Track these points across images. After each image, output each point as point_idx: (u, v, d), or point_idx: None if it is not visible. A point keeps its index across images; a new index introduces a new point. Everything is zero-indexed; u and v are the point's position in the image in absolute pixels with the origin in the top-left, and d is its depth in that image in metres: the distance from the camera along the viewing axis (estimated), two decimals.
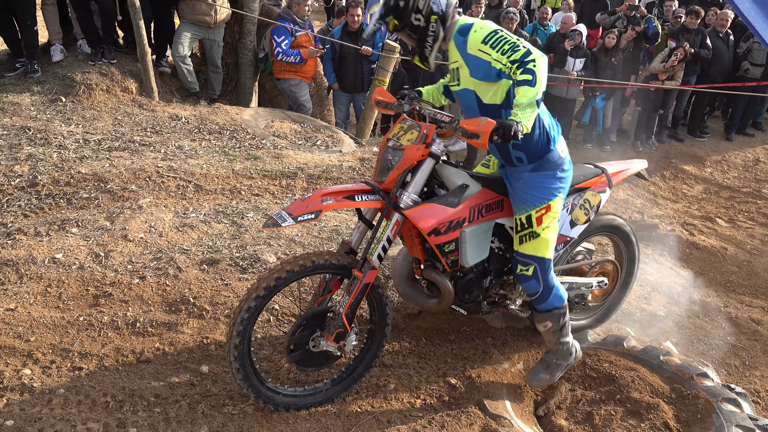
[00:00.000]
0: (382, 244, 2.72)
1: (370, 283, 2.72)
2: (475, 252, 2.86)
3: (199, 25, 6.59)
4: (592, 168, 3.28)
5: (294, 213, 2.55)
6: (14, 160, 4.79)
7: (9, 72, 6.29)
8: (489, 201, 2.87)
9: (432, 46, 2.70)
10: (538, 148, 2.81)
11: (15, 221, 4.04)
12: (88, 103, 6.00)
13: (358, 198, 2.64)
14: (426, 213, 2.68)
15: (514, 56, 2.47)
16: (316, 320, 2.74)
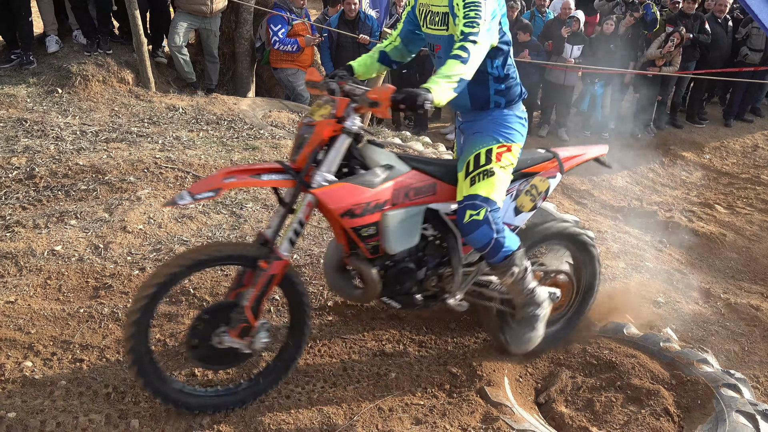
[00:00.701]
0: (293, 228, 2.52)
1: (276, 275, 2.51)
2: (400, 238, 2.65)
3: (195, 14, 6.56)
4: (542, 152, 3.09)
5: (193, 191, 2.35)
6: (11, 152, 4.78)
7: (4, 64, 6.26)
8: (419, 184, 2.69)
9: None
10: (515, 94, 2.82)
11: (13, 214, 4.02)
12: (85, 94, 5.98)
13: (266, 176, 2.44)
14: (339, 193, 2.48)
15: (467, 29, 2.44)
16: (221, 315, 2.53)
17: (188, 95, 6.61)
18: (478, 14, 2.45)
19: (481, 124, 2.79)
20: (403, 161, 2.68)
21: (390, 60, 3.00)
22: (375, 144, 2.64)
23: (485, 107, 2.79)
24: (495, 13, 2.55)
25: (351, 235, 2.60)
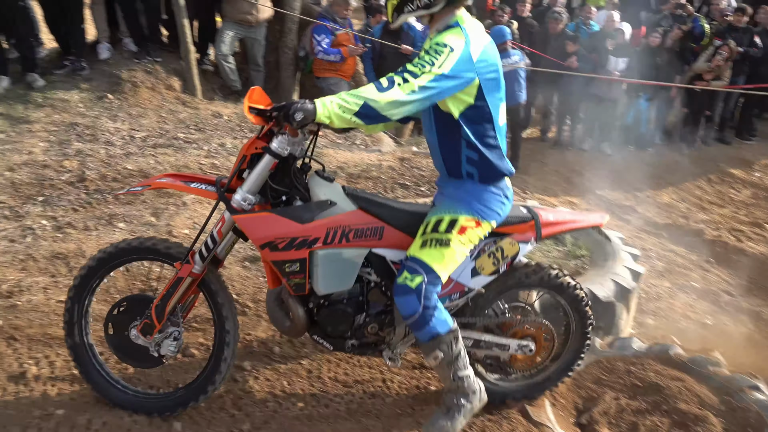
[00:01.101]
0: (204, 242, 2.51)
1: (183, 278, 2.50)
2: (329, 280, 2.48)
3: (242, 23, 6.67)
4: (523, 211, 2.70)
5: (134, 186, 2.67)
6: (63, 155, 4.93)
7: (58, 69, 6.46)
8: (362, 226, 2.47)
9: (418, 9, 2.30)
10: (493, 169, 2.47)
11: (65, 215, 4.15)
12: (134, 100, 6.13)
13: (194, 185, 2.49)
14: (260, 222, 2.38)
15: (410, 66, 2.17)
16: (139, 305, 2.58)
17: (233, 103, 6.73)
18: (434, 59, 2.18)
19: (455, 191, 2.51)
20: (351, 199, 2.49)
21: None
22: (322, 176, 2.48)
23: (457, 176, 2.50)
24: (467, 73, 2.23)
25: (273, 269, 2.48)
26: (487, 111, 2.37)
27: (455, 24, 2.31)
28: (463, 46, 2.23)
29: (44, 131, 5.33)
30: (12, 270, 3.53)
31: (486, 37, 2.37)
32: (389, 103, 2.13)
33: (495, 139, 2.45)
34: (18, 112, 5.60)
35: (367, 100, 2.12)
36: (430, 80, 2.15)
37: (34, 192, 4.41)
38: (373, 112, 2.14)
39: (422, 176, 5.41)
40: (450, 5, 2.31)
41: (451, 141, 2.44)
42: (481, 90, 2.31)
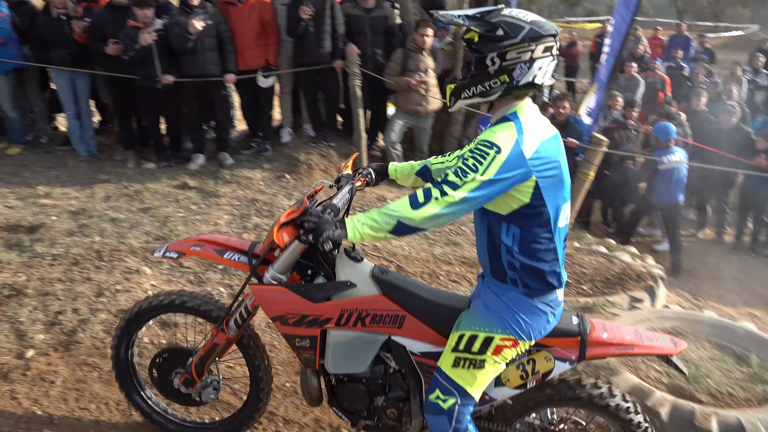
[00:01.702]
0: (239, 311, 2.60)
1: (219, 345, 2.66)
2: (341, 360, 2.45)
3: (411, 113, 7.03)
4: (570, 321, 2.40)
5: (169, 248, 2.68)
6: (243, 228, 5.40)
7: (246, 150, 7.21)
8: (381, 311, 2.38)
9: (473, 95, 2.16)
10: (540, 279, 2.21)
11: (240, 284, 4.49)
12: (308, 180, 6.63)
13: (227, 255, 2.55)
14: (273, 296, 2.38)
15: (451, 174, 2.00)
16: (180, 357, 2.80)
17: (397, 187, 7.01)
18: (478, 164, 1.99)
19: (495, 300, 2.28)
20: (376, 283, 2.40)
21: (431, 177, 2.68)
22: (350, 256, 2.42)
23: (503, 279, 2.27)
24: (518, 172, 2.03)
25: (285, 341, 2.50)
26: (544, 212, 2.14)
27: (511, 116, 2.13)
28: (513, 143, 2.03)
29: (229, 205, 5.90)
30: (191, 332, 3.85)
31: (547, 131, 2.16)
32: (426, 218, 2.00)
33: (549, 244, 2.19)
34: (209, 187, 6.27)
35: (401, 219, 2.02)
36: (472, 189, 1.98)
37: None
38: (409, 228, 2.04)
39: (584, 274, 5.19)
40: (508, 95, 2.14)
41: (493, 243, 2.23)
42: (539, 188, 2.09)
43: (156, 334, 3.83)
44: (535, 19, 2.10)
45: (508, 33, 2.05)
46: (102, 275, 4.46)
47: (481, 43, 2.08)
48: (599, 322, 2.45)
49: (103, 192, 6.11)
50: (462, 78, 2.19)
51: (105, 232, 5.17)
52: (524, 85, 2.09)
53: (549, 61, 2.10)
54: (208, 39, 6.39)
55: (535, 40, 2.05)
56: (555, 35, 2.09)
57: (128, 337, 2.91)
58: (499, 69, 2.07)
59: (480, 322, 2.27)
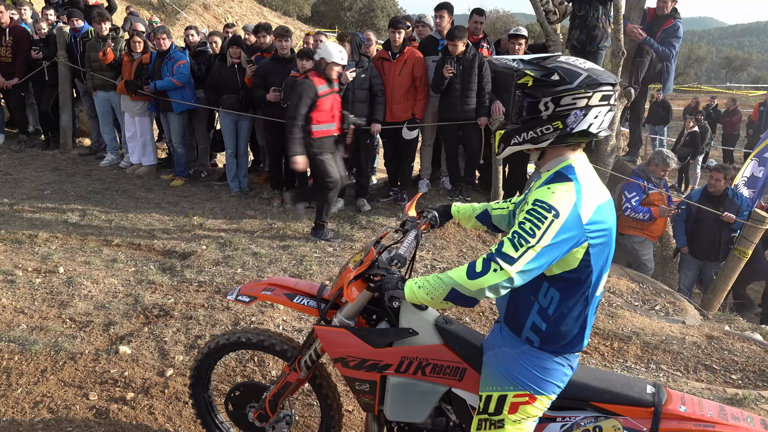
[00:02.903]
0: (309, 354, 2.63)
1: (291, 383, 2.71)
2: (400, 408, 2.41)
3: None
4: (645, 389, 2.24)
5: (241, 291, 2.79)
6: None
7: (383, 198, 7.40)
8: (441, 362, 2.33)
9: (524, 141, 2.08)
10: (561, 344, 2.13)
11: None
12: (441, 233, 6.64)
13: (297, 299, 2.62)
14: (335, 337, 2.41)
15: (507, 246, 1.92)
16: (253, 392, 2.88)
17: None
18: (535, 229, 1.91)
19: (506, 354, 2.20)
20: (439, 333, 2.36)
21: (490, 222, 2.69)
22: (416, 304, 2.28)
23: (517, 332, 2.20)
24: (573, 238, 1.94)
25: (346, 383, 2.50)
26: (588, 279, 2.05)
27: (567, 172, 2.04)
28: (571, 207, 1.94)
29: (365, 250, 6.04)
30: None
31: (602, 194, 2.06)
32: (480, 290, 1.94)
33: (583, 311, 2.11)
34: (345, 230, 6.49)
35: (456, 287, 1.98)
36: (528, 261, 1.90)
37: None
38: (463, 297, 1.99)
39: (734, 362, 4.68)
40: (560, 143, 2.05)
41: (524, 298, 2.13)
42: (588, 255, 2.00)
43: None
44: (593, 67, 2.04)
45: (564, 78, 1.99)
46: (239, 306, 4.71)
47: (535, 88, 2.04)
48: (677, 394, 2.29)
49: (249, 227, 6.52)
50: (513, 124, 2.14)
51: (246, 265, 5.48)
52: (578, 132, 2.02)
53: (606, 110, 2.02)
54: (359, 91, 6.73)
55: (592, 87, 1.98)
56: (614, 84, 2.02)
57: (205, 371, 3.04)
58: (553, 114, 2.01)
59: (492, 381, 2.22)
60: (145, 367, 3.84)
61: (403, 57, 6.86)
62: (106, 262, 5.46)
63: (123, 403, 3.51)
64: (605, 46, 7.39)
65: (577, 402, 2.29)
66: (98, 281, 5.02)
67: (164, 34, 7.56)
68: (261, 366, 3.91)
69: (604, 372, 2.42)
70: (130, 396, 3.56)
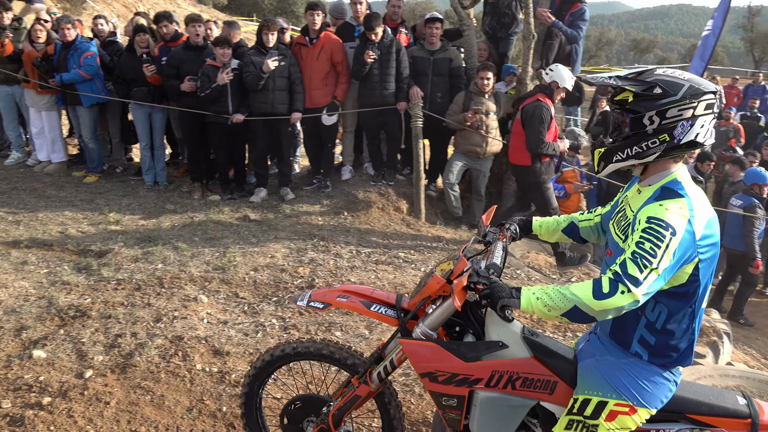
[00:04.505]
0: (384, 365, 2.53)
1: (360, 397, 2.59)
2: (487, 423, 2.34)
3: (470, 155, 7.03)
4: (737, 401, 2.27)
5: (312, 297, 2.63)
6: (299, 262, 5.49)
7: (307, 186, 7.38)
8: (532, 375, 2.28)
9: (628, 158, 2.08)
10: (670, 358, 2.15)
11: (292, 317, 4.55)
12: (365, 218, 6.70)
13: (374, 308, 2.51)
14: (423, 351, 2.31)
15: (631, 266, 1.91)
16: (314, 406, 2.76)
17: (453, 228, 7.00)
18: (656, 248, 1.91)
19: (612, 362, 2.21)
20: (528, 345, 2.31)
21: (578, 235, 2.65)
22: (501, 315, 2.22)
23: (624, 345, 2.22)
24: (687, 254, 1.96)
25: (431, 398, 2.42)
26: (695, 292, 2.08)
27: (676, 187, 2.06)
28: (686, 224, 1.96)
29: (287, 239, 6.03)
30: (242, 361, 3.91)
31: (709, 208, 2.08)
32: (604, 311, 1.93)
33: (691, 323, 2.13)
34: (269, 220, 6.43)
35: (579, 305, 1.95)
36: (652, 283, 1.91)
37: (270, 292, 4.93)
38: (583, 316, 1.96)
39: None
40: (667, 155, 2.06)
41: (639, 311, 2.11)
42: (697, 269, 2.03)
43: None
44: (693, 77, 2.06)
45: (667, 91, 2.01)
46: (161, 301, 4.60)
47: (637, 103, 2.04)
48: (766, 404, 2.32)
49: (168, 221, 6.35)
50: (612, 141, 2.13)
51: (167, 260, 5.35)
52: (686, 144, 2.03)
53: (710, 118, 2.05)
54: (279, 79, 6.65)
55: (696, 97, 2.00)
56: (715, 92, 2.04)
57: (260, 381, 2.88)
58: (659, 128, 2.02)
59: (594, 385, 2.20)
60: (61, 371, 3.70)
61: (321, 42, 6.81)
62: (15, 265, 5.20)
63: (39, 408, 3.37)
64: (516, 31, 7.63)
65: (672, 414, 2.27)
66: (7, 285, 4.78)
67: (69, 24, 7.20)
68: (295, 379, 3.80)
69: (696, 384, 2.43)
70: (47, 401, 3.42)
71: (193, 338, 4.09)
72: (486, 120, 6.80)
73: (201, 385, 3.65)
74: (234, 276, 5.11)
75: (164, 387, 3.61)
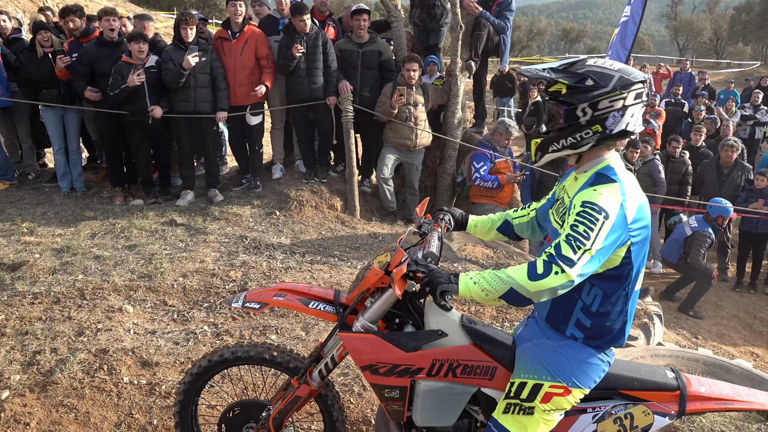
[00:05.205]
0: (324, 362, 2.57)
1: (301, 398, 2.61)
2: (430, 412, 2.41)
3: (400, 148, 7.10)
4: (667, 375, 2.45)
5: (248, 298, 2.62)
6: (231, 265, 5.44)
7: (236, 186, 7.30)
8: (472, 362, 2.37)
9: (563, 147, 2.19)
10: (605, 339, 2.28)
11: (224, 323, 4.51)
12: (298, 217, 6.69)
13: (313, 305, 2.53)
14: (364, 344, 2.36)
15: (565, 247, 2.01)
16: (253, 411, 2.75)
17: (389, 224, 7.08)
18: (589, 230, 2.01)
19: (548, 345, 2.33)
20: (467, 332, 2.39)
21: (513, 232, 2.75)
22: (440, 304, 2.26)
23: (560, 330, 2.33)
24: (620, 237, 2.07)
25: (373, 391, 2.46)
26: (628, 275, 2.20)
27: (608, 173, 2.18)
28: (618, 207, 2.07)
29: (217, 242, 5.95)
30: (172, 371, 3.86)
31: (641, 193, 2.20)
32: (540, 291, 2.01)
33: (625, 306, 2.26)
34: (197, 224, 6.33)
35: (515, 287, 2.03)
36: (586, 263, 2.01)
37: (201, 298, 4.87)
38: (520, 297, 2.05)
39: None
40: (599, 145, 2.18)
41: (568, 295, 2.18)
42: (630, 252, 2.15)
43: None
44: (622, 67, 2.16)
45: (598, 82, 2.11)
46: (83, 314, 4.47)
47: (570, 95, 2.14)
48: (693, 377, 2.48)
49: (88, 229, 6.16)
50: (547, 132, 2.24)
51: (88, 270, 5.20)
52: (617, 133, 2.15)
53: (640, 107, 2.15)
54: (201, 76, 6.53)
55: (626, 88, 2.11)
56: (644, 81, 2.14)
57: (196, 389, 2.85)
58: (591, 119, 2.13)
59: (529, 368, 2.30)
60: None
61: (244, 36, 6.72)
62: None
63: None
64: (446, 23, 7.76)
65: (606, 392, 2.40)
66: None
67: None
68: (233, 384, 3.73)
69: (627, 361, 2.54)
70: None
71: (119, 350, 4.00)
72: (414, 111, 6.91)
73: (129, 398, 3.58)
74: (161, 283, 5.01)
75: (89, 403, 3.52)
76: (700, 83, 14.80)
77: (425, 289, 2.17)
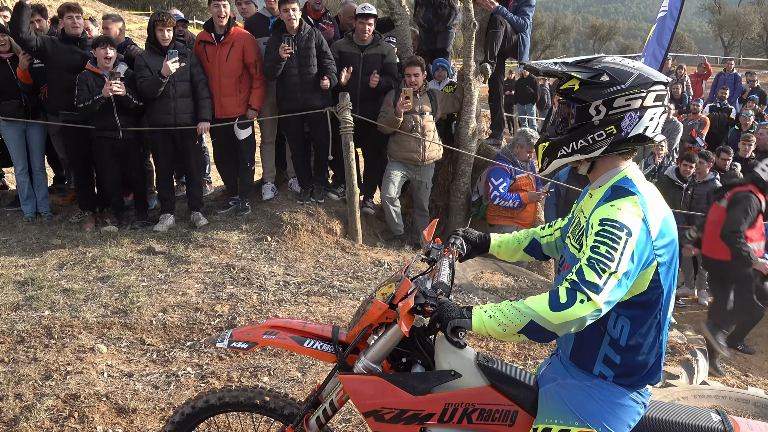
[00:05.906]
0: (322, 408, 2.58)
1: None
2: None
3: (407, 162, 7.17)
4: (711, 418, 2.41)
5: (234, 337, 2.65)
6: (216, 299, 5.51)
7: (222, 209, 7.41)
8: (490, 406, 2.35)
9: (573, 152, 2.21)
10: (638, 376, 2.28)
11: (210, 363, 4.57)
12: (293, 243, 6.78)
13: (308, 343, 2.54)
14: (366, 387, 2.36)
15: (588, 272, 2.01)
16: None
17: (395, 249, 7.15)
18: (613, 250, 2.02)
19: (575, 386, 2.33)
20: (483, 372, 2.39)
21: (541, 252, 2.77)
22: (454, 341, 2.24)
23: (586, 368, 2.33)
24: (645, 256, 2.08)
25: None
26: (658, 300, 2.20)
27: (626, 185, 2.19)
28: (641, 223, 2.08)
29: (200, 272, 6.04)
30: (152, 419, 3.92)
31: (664, 206, 2.24)
32: (564, 323, 2.01)
33: (657, 336, 2.26)
34: (178, 252, 6.42)
35: (536, 319, 2.02)
36: (612, 289, 2.01)
37: (183, 336, 4.94)
38: (542, 331, 2.04)
39: None
40: (614, 150, 2.19)
41: (593, 328, 2.18)
42: (657, 274, 2.14)
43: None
44: (642, 66, 2.19)
45: (614, 78, 2.14)
46: (51, 354, 4.54)
47: (583, 91, 2.16)
48: (743, 420, 2.47)
49: (55, 259, 6.25)
50: (556, 134, 2.25)
51: (56, 305, 5.28)
52: (634, 137, 2.15)
53: (661, 111, 2.17)
54: (180, 83, 6.66)
55: (645, 87, 2.13)
56: (666, 83, 2.18)
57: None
58: (605, 119, 2.14)
59: (554, 412, 2.30)
60: None
61: (230, 39, 6.82)
62: None
63: None
64: (454, 24, 7.86)
65: None
66: None
67: None
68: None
69: (666, 403, 2.55)
70: None
71: (92, 396, 4.06)
72: (421, 120, 6.99)
73: None
74: (138, 320, 5.09)
75: None
76: (748, 85, 14.90)
77: (435, 324, 2.18)
